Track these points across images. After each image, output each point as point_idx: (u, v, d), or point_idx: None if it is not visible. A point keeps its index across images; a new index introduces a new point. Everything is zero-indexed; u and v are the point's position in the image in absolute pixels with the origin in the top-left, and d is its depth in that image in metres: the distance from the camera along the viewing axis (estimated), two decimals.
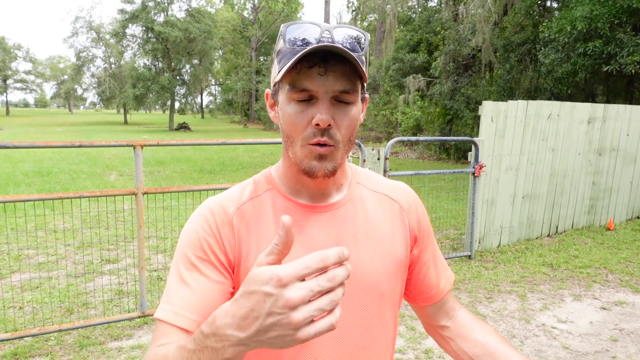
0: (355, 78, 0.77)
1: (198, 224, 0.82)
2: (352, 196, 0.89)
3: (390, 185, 0.95)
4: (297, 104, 0.76)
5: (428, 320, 1.00)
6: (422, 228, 0.95)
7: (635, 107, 6.45)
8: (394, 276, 0.88)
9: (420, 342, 3.23)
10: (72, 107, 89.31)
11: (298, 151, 0.78)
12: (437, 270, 0.97)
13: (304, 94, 0.75)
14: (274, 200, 0.86)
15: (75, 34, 42.92)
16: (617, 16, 8.45)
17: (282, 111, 0.78)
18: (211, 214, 0.82)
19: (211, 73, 43.61)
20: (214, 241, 0.80)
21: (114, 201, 6.73)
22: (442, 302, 0.98)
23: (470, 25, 13.16)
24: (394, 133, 19.16)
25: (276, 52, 0.79)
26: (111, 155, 14.28)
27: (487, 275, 4.54)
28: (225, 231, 0.81)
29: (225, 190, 0.90)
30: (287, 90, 0.76)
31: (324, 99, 0.75)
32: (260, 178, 0.89)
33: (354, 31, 0.77)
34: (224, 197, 0.86)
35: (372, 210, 0.89)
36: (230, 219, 0.82)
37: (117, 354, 3.02)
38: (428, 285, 0.96)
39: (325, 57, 0.73)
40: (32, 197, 2.98)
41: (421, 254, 0.95)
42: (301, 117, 0.76)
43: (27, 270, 4.43)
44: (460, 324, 0.97)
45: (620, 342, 3.29)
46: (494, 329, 0.95)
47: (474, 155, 4.95)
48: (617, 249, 5.37)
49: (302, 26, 0.76)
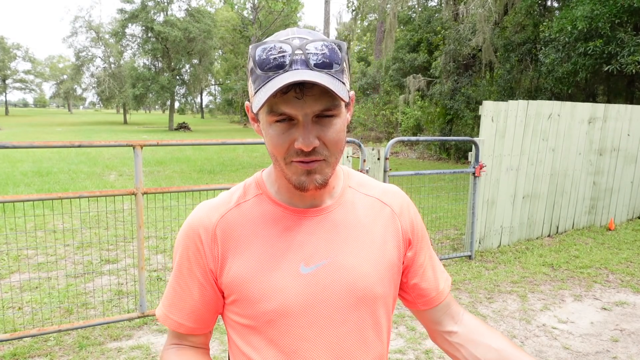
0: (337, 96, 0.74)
1: (185, 233, 0.87)
2: (343, 200, 0.88)
3: (381, 189, 0.94)
4: (278, 126, 0.75)
5: (433, 326, 0.97)
6: (416, 230, 0.94)
7: (636, 107, 6.44)
8: (387, 280, 0.87)
9: (420, 343, 3.22)
10: (71, 107, 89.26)
11: (285, 169, 0.78)
12: (435, 273, 0.96)
13: (283, 116, 0.74)
14: (262, 205, 0.86)
15: (74, 33, 42.95)
16: (617, 16, 8.43)
17: (265, 131, 0.78)
18: (198, 223, 0.85)
19: (211, 73, 43.64)
20: (197, 251, 0.84)
21: (113, 201, 6.73)
22: (445, 305, 0.96)
23: (471, 25, 13.15)
24: (394, 133, 19.16)
25: (249, 70, 0.77)
26: (111, 155, 14.28)
27: (487, 275, 4.53)
28: (208, 241, 0.84)
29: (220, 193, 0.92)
30: (266, 112, 0.75)
31: (305, 122, 0.73)
32: (251, 182, 0.90)
33: (327, 42, 0.74)
34: (211, 205, 0.88)
35: (363, 214, 0.88)
36: (214, 229, 0.84)
37: (116, 354, 3.01)
38: (426, 287, 0.94)
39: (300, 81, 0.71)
40: (32, 197, 2.97)
41: (416, 257, 0.94)
42: (283, 139, 0.75)
43: (26, 270, 4.42)
44: (469, 328, 0.94)
45: (621, 343, 3.28)
46: (502, 333, 0.93)
47: (474, 155, 4.94)
48: (617, 249, 5.36)
49: (272, 48, 0.73)
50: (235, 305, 0.83)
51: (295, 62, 0.72)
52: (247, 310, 0.81)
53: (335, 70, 0.73)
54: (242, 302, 0.82)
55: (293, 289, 0.80)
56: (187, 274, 0.85)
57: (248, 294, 0.81)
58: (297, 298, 0.80)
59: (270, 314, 0.80)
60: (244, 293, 0.81)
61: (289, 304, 0.80)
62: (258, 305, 0.80)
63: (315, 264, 0.82)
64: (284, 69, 0.71)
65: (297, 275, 0.81)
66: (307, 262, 0.82)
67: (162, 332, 3.32)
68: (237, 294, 0.82)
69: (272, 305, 0.80)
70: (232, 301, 0.83)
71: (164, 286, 4.14)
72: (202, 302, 0.85)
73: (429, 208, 6.75)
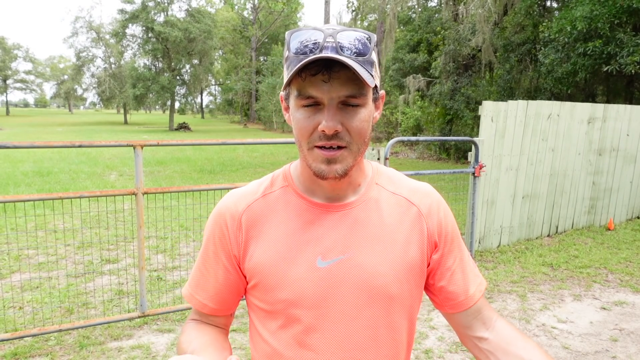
0: (363, 81, 0.77)
1: (214, 218, 0.92)
2: (368, 197, 0.88)
3: (411, 187, 0.93)
4: (305, 110, 0.78)
5: (463, 330, 0.93)
6: (445, 233, 0.91)
7: (635, 107, 6.45)
8: (405, 280, 0.86)
9: (420, 342, 3.23)
10: (72, 107, 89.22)
11: (307, 154, 0.81)
12: (465, 276, 0.92)
13: (310, 100, 0.77)
14: (287, 197, 0.89)
15: (75, 34, 42.95)
16: (617, 16, 8.44)
17: (293, 116, 0.81)
18: (225, 210, 0.90)
19: (211, 73, 43.61)
20: (223, 237, 0.89)
21: (114, 201, 6.73)
22: (476, 310, 0.91)
23: (470, 25, 13.16)
24: (394, 133, 19.17)
25: (284, 58, 0.81)
26: (111, 155, 14.29)
27: (487, 275, 4.54)
28: (233, 228, 0.88)
29: (248, 184, 0.97)
30: (295, 96, 0.79)
31: (330, 105, 0.76)
32: (279, 174, 0.93)
33: (359, 33, 0.77)
34: (240, 193, 0.92)
35: (387, 213, 0.88)
36: (240, 217, 0.88)
37: (117, 354, 3.02)
38: (454, 291, 0.91)
39: (328, 64, 0.74)
40: (32, 197, 2.98)
41: (443, 259, 0.91)
42: (308, 122, 0.78)
43: (27, 270, 4.43)
44: (501, 336, 0.89)
45: (621, 342, 3.29)
46: (537, 343, 0.89)
47: (474, 155, 4.95)
48: (617, 249, 5.37)
49: (305, 33, 0.76)
50: (256, 289, 0.87)
51: (326, 48, 0.74)
52: (265, 296, 0.86)
53: (363, 60, 0.76)
54: (261, 287, 0.86)
55: (308, 281, 0.83)
56: (213, 257, 0.90)
57: (266, 281, 0.85)
58: (311, 290, 0.83)
59: (284, 303, 0.84)
60: (263, 280, 0.85)
61: (303, 295, 0.83)
62: (274, 292, 0.84)
63: (332, 259, 0.84)
64: (314, 53, 0.74)
65: (314, 268, 0.83)
66: (325, 256, 0.84)
67: (162, 332, 3.33)
68: (257, 279, 0.86)
69: (286, 295, 0.83)
70: (253, 285, 0.88)
71: (165, 286, 4.15)
72: (225, 284, 0.90)
73: None
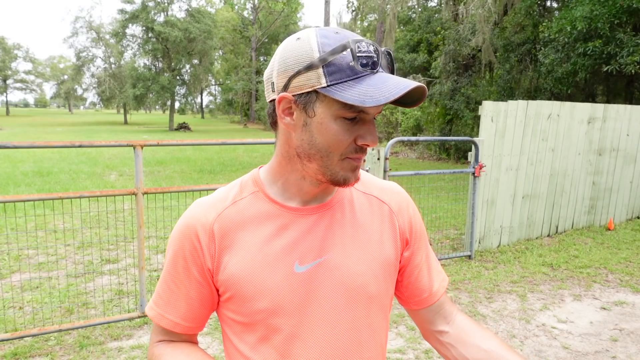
0: None
1: (181, 231, 0.85)
2: (341, 198, 0.88)
3: (380, 187, 0.94)
4: (345, 122, 0.75)
5: (425, 325, 0.96)
6: (414, 230, 0.93)
7: (635, 107, 6.45)
8: (382, 279, 0.86)
9: (420, 342, 3.23)
10: (72, 107, 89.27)
11: (334, 164, 0.77)
12: (430, 273, 0.95)
13: (356, 114, 0.74)
14: (259, 203, 0.84)
15: (75, 34, 42.99)
16: (617, 16, 8.44)
17: (323, 125, 0.75)
18: (194, 221, 0.84)
19: (211, 73, 43.66)
20: (194, 250, 0.83)
21: (114, 201, 6.73)
22: (438, 305, 0.95)
23: (470, 25, 13.16)
24: (394, 133, 19.15)
25: (321, 60, 0.72)
26: (111, 155, 14.29)
27: (487, 275, 4.54)
28: (205, 240, 0.82)
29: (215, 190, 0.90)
30: (336, 107, 0.73)
31: (372, 120, 0.77)
32: (248, 180, 0.88)
33: (382, 48, 0.76)
34: (208, 202, 0.86)
35: (360, 212, 0.88)
36: (210, 227, 0.83)
37: (117, 354, 3.02)
38: (420, 288, 0.93)
39: None
40: (32, 197, 2.98)
41: (413, 256, 0.92)
42: (348, 136, 0.75)
43: (27, 270, 4.43)
44: (460, 328, 0.93)
45: (620, 342, 3.29)
46: (494, 334, 0.92)
47: (474, 155, 4.95)
48: (617, 249, 5.37)
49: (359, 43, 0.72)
50: (231, 302, 0.83)
51: (382, 65, 0.73)
52: (242, 308, 0.82)
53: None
54: (236, 299, 0.82)
55: (286, 288, 0.80)
56: (184, 273, 0.84)
57: (242, 292, 0.81)
58: (290, 297, 0.80)
59: (263, 313, 0.80)
60: (239, 291, 0.81)
61: (282, 303, 0.80)
62: (252, 303, 0.80)
63: (309, 263, 0.81)
64: (376, 69, 0.72)
65: (291, 274, 0.80)
66: (302, 260, 0.81)
67: None
68: (232, 291, 0.82)
69: (265, 304, 0.80)
70: (227, 298, 0.83)
71: None
72: (199, 300, 0.85)
73: (428, 208, 6.76)
